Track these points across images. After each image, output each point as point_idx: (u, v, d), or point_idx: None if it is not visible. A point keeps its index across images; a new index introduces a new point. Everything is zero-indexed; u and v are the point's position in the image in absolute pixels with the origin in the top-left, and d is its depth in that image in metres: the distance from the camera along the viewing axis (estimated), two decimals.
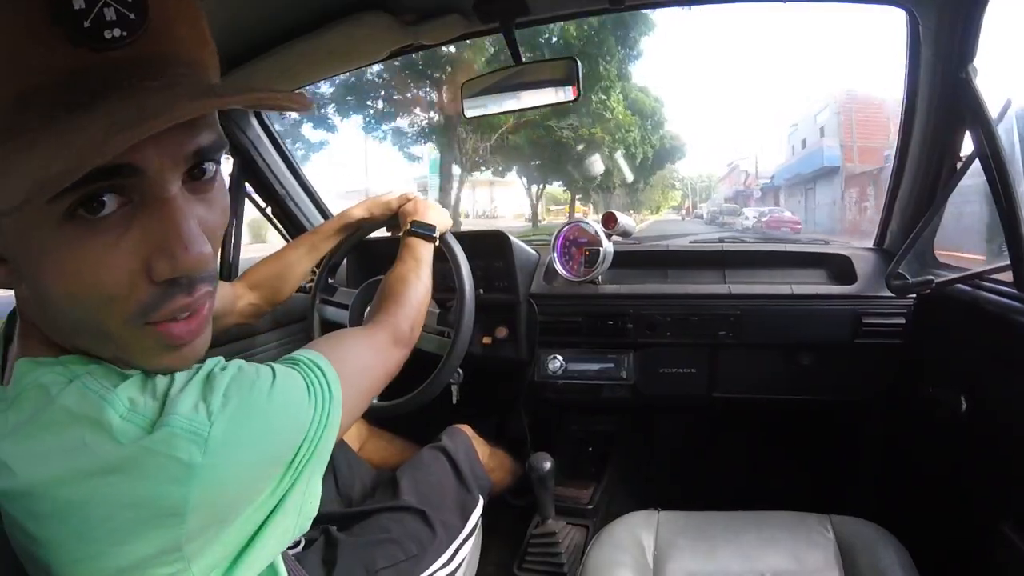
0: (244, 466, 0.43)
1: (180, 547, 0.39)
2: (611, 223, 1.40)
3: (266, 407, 0.45)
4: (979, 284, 1.03)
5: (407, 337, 0.82)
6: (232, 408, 0.42)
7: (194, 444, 0.39)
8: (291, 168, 1.55)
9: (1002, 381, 0.94)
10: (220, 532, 0.42)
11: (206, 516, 0.40)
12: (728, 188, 31.36)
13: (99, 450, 0.38)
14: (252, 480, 0.44)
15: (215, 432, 0.40)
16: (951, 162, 1.11)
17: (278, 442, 0.46)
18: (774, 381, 1.37)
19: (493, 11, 1.02)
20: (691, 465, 1.69)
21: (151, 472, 0.38)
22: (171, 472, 0.39)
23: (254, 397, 0.45)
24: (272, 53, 1.02)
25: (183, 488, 0.39)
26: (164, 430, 0.39)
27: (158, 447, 0.39)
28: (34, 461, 0.38)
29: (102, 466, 0.38)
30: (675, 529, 1.02)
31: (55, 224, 0.37)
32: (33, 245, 0.38)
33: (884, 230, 1.37)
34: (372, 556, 0.93)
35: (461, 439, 1.21)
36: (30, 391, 0.41)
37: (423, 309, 0.91)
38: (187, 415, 0.40)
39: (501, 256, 1.43)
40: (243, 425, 0.43)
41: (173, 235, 0.40)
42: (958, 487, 1.10)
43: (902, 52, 1.12)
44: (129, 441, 0.38)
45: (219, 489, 0.41)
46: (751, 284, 1.35)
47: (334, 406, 0.52)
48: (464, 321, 1.12)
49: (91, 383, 0.41)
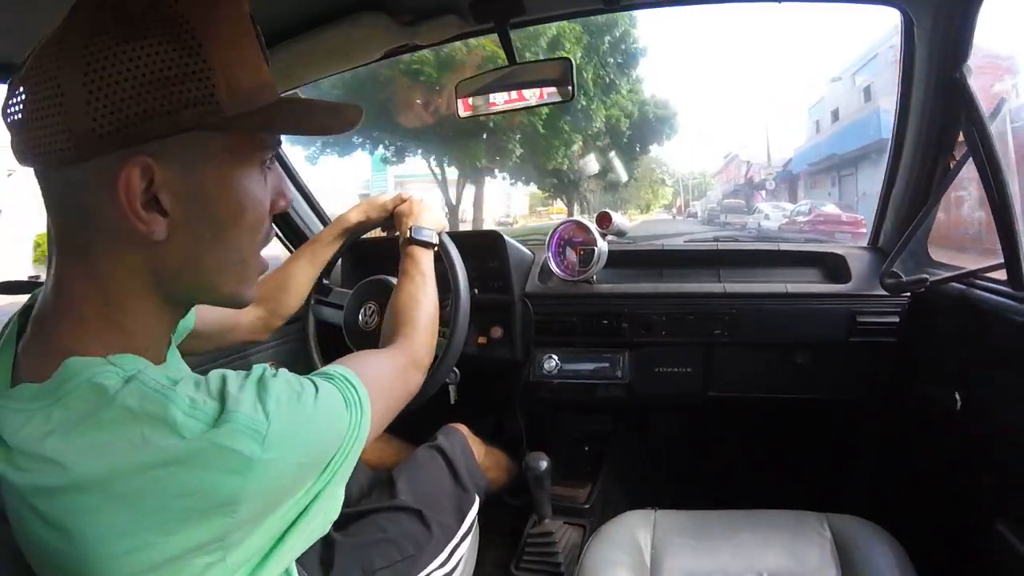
0: (292, 465, 0.46)
1: (224, 537, 0.42)
2: (606, 223, 1.40)
3: (313, 414, 0.48)
4: (973, 282, 1.03)
5: (424, 363, 0.85)
6: (285, 411, 0.45)
7: (254, 440, 0.42)
8: (288, 173, 1.55)
9: (996, 379, 0.95)
10: (259, 526, 0.44)
11: (254, 509, 0.43)
12: (726, 183, 27.36)
13: (162, 444, 0.40)
14: (295, 478, 0.47)
15: (272, 430, 0.43)
16: (945, 161, 1.12)
17: (321, 446, 0.49)
18: (769, 380, 1.38)
19: (489, 11, 1.02)
20: (687, 464, 1.70)
21: (213, 463, 0.41)
22: (232, 464, 0.41)
23: (303, 403, 0.48)
24: (270, 52, 1.01)
25: (241, 479, 0.41)
26: (227, 425, 0.42)
27: (222, 440, 0.41)
28: (90, 456, 0.39)
29: (164, 459, 0.40)
30: (672, 528, 1.02)
31: (259, 167, 0.50)
32: (235, 183, 0.48)
33: (878, 228, 1.37)
34: (369, 556, 0.93)
35: (457, 438, 1.21)
36: (83, 390, 0.42)
37: (435, 328, 0.93)
38: (248, 413, 0.43)
39: (495, 256, 1.43)
40: (295, 427, 0.46)
41: (284, 186, 0.55)
42: (953, 485, 1.10)
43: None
44: (193, 436, 0.41)
45: (270, 484, 0.44)
46: (746, 283, 1.36)
47: (364, 419, 0.56)
48: (459, 321, 1.11)
49: (149, 382, 0.42)
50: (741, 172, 24.82)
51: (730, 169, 27.34)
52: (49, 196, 0.45)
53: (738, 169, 25.47)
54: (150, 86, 0.41)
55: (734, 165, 26.37)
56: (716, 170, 29.74)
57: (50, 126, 0.41)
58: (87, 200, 0.43)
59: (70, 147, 0.41)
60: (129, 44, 0.40)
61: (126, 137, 0.41)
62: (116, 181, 0.42)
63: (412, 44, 1.08)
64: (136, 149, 0.42)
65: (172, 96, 0.42)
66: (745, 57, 63.35)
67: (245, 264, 0.51)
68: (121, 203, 0.42)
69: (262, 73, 0.48)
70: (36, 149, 0.42)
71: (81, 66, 0.40)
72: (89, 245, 0.45)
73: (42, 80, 0.41)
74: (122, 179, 0.42)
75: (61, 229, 0.46)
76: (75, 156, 0.41)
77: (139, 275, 0.46)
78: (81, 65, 0.40)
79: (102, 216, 0.43)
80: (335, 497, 0.54)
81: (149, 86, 0.41)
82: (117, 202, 0.42)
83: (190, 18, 0.42)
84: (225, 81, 0.44)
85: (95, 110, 0.40)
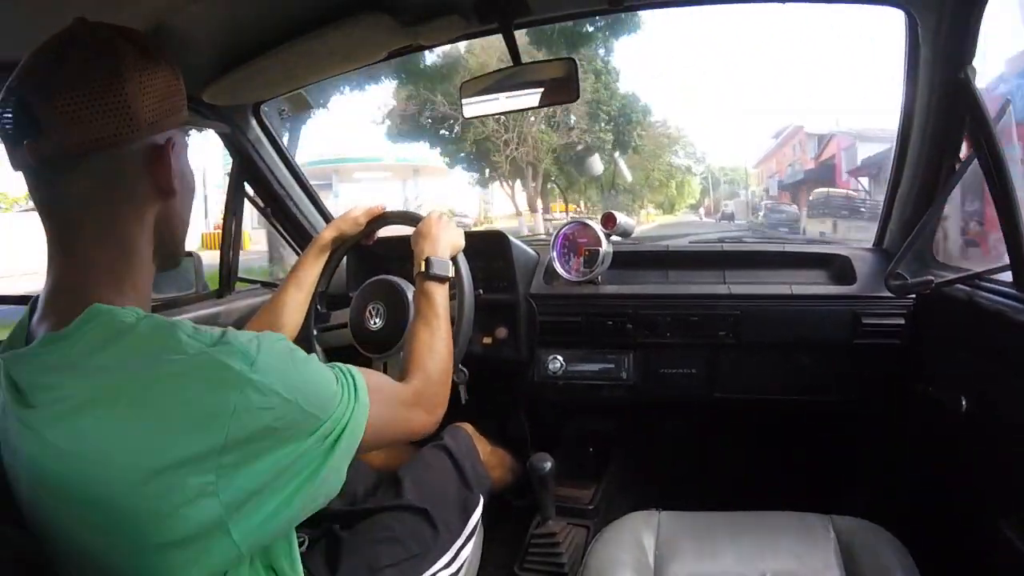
0: (278, 397, 0.52)
1: (215, 456, 0.48)
2: (610, 223, 1.40)
3: (302, 367, 0.57)
4: (978, 284, 1.03)
5: (434, 411, 0.83)
6: (275, 352, 0.55)
7: (244, 361, 0.51)
8: (290, 169, 1.55)
9: (1002, 381, 0.94)
10: (247, 462, 0.50)
11: (242, 432, 0.49)
12: (777, 170, 19.81)
13: (169, 358, 0.50)
14: (282, 417, 0.52)
15: (261, 358, 0.52)
16: (950, 163, 1.11)
17: (305, 395, 0.55)
18: (774, 382, 1.37)
19: (493, 11, 1.02)
20: (691, 465, 1.69)
21: (209, 376, 0.50)
22: (223, 376, 0.50)
23: (293, 356, 0.57)
24: (272, 53, 1.02)
25: (233, 394, 0.49)
26: (224, 346, 0.52)
27: (218, 356, 0.50)
28: (104, 374, 0.50)
29: (170, 371, 0.49)
30: (676, 529, 1.02)
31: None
32: (188, 160, 0.66)
33: (883, 230, 1.37)
34: (376, 555, 0.93)
35: (462, 437, 1.22)
36: (104, 326, 0.52)
37: (448, 377, 0.90)
38: (242, 341, 0.53)
39: (500, 256, 1.43)
40: (281, 365, 0.54)
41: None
42: (958, 487, 1.10)
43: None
44: (195, 352, 0.50)
45: (257, 410, 0.50)
46: (751, 284, 1.36)
47: (359, 406, 0.61)
48: (465, 319, 1.12)
49: (159, 319, 0.54)
50: (803, 154, 18.18)
51: (785, 151, 19.97)
52: (88, 176, 0.56)
53: (798, 150, 18.71)
54: (169, 94, 0.60)
55: (794, 142, 19.15)
56: (762, 157, 22.39)
57: (114, 118, 0.55)
58: (130, 171, 0.58)
59: (129, 131, 0.56)
60: (158, 68, 0.59)
61: (163, 125, 0.59)
62: (161, 150, 0.60)
63: (415, 45, 1.08)
64: (167, 134, 0.60)
65: (178, 101, 0.62)
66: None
67: (187, 223, 0.68)
68: (157, 171, 0.59)
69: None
70: (97, 134, 0.54)
71: (136, 80, 0.56)
72: (119, 212, 0.58)
73: (104, 91, 0.54)
74: (163, 155, 0.60)
75: (90, 204, 0.57)
76: (130, 138, 0.56)
77: (149, 229, 0.61)
78: (136, 79, 0.56)
79: (137, 184, 0.59)
80: (337, 471, 0.58)
81: (169, 94, 0.60)
82: (151, 171, 0.59)
83: (170, 57, 0.61)
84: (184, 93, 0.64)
85: (146, 108, 0.57)
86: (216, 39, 1.02)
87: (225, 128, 1.36)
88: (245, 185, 1.49)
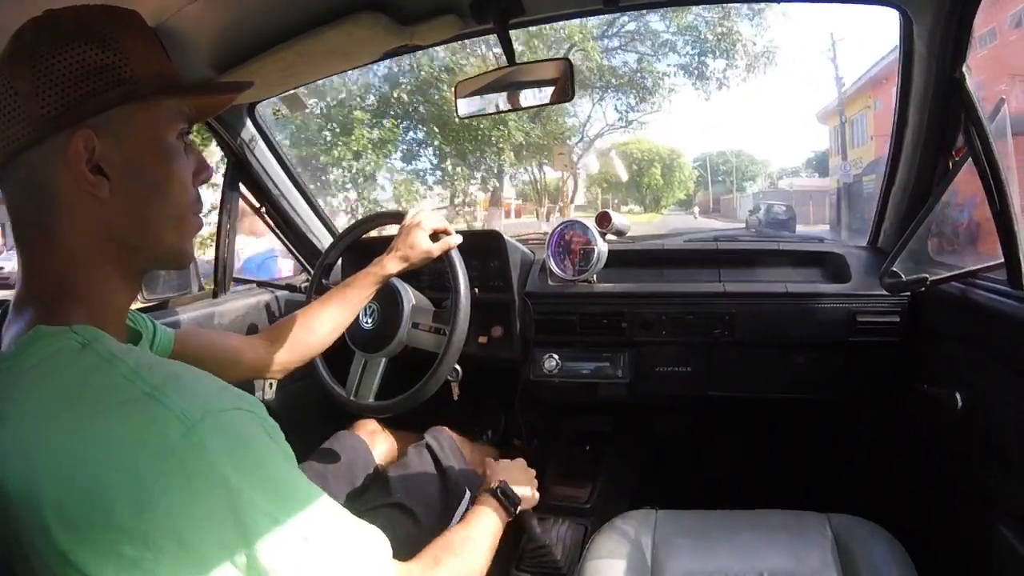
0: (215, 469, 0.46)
1: (141, 530, 0.42)
2: (605, 222, 1.40)
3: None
4: (972, 282, 1.03)
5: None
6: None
7: (182, 423, 0.45)
8: (285, 168, 1.54)
9: (997, 378, 0.95)
10: (176, 542, 0.43)
11: (170, 501, 0.43)
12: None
13: (97, 397, 0.46)
14: (215, 495, 0.45)
15: (199, 429, 0.46)
16: (944, 161, 1.12)
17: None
18: (769, 380, 1.38)
19: (488, 11, 1.02)
20: (688, 464, 1.69)
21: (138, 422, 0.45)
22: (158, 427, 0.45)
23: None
24: (271, 53, 1.02)
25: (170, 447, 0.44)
26: (161, 401, 0.46)
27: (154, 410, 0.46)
28: (39, 406, 0.47)
29: (98, 408, 0.46)
30: (673, 528, 1.02)
31: (176, 137, 0.58)
32: (158, 148, 0.56)
33: (878, 228, 1.37)
34: None
35: (444, 436, 1.24)
36: (42, 351, 0.49)
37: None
38: (181, 404, 0.47)
39: (496, 255, 1.43)
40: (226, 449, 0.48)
41: (203, 159, 0.62)
42: (954, 484, 1.10)
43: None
44: (127, 398, 0.46)
45: (189, 470, 0.45)
46: (746, 283, 1.36)
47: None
48: (460, 318, 1.12)
49: (102, 350, 0.49)
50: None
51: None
52: (14, 186, 0.53)
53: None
54: (81, 76, 0.51)
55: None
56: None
57: (13, 120, 0.51)
58: (47, 174, 0.52)
59: (29, 131, 0.51)
60: (63, 49, 0.51)
61: (69, 117, 0.51)
62: (67, 151, 0.51)
63: (411, 44, 1.08)
64: (79, 126, 0.51)
65: (99, 81, 0.52)
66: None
67: (181, 219, 0.59)
68: (72, 168, 0.51)
69: (165, 62, 0.59)
70: (3, 141, 0.51)
71: (28, 70, 0.51)
72: (51, 220, 0.53)
73: (1, 90, 0.51)
74: (71, 149, 0.51)
75: (24, 215, 0.54)
76: (33, 138, 0.51)
77: (94, 236, 0.54)
78: (28, 70, 0.51)
79: (59, 186, 0.52)
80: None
81: (81, 76, 0.51)
82: (69, 168, 0.51)
83: (105, 27, 0.54)
84: (139, 67, 0.54)
85: (42, 100, 0.50)
86: (213, 39, 1.02)
87: (219, 127, 1.36)
88: (240, 185, 1.48)
